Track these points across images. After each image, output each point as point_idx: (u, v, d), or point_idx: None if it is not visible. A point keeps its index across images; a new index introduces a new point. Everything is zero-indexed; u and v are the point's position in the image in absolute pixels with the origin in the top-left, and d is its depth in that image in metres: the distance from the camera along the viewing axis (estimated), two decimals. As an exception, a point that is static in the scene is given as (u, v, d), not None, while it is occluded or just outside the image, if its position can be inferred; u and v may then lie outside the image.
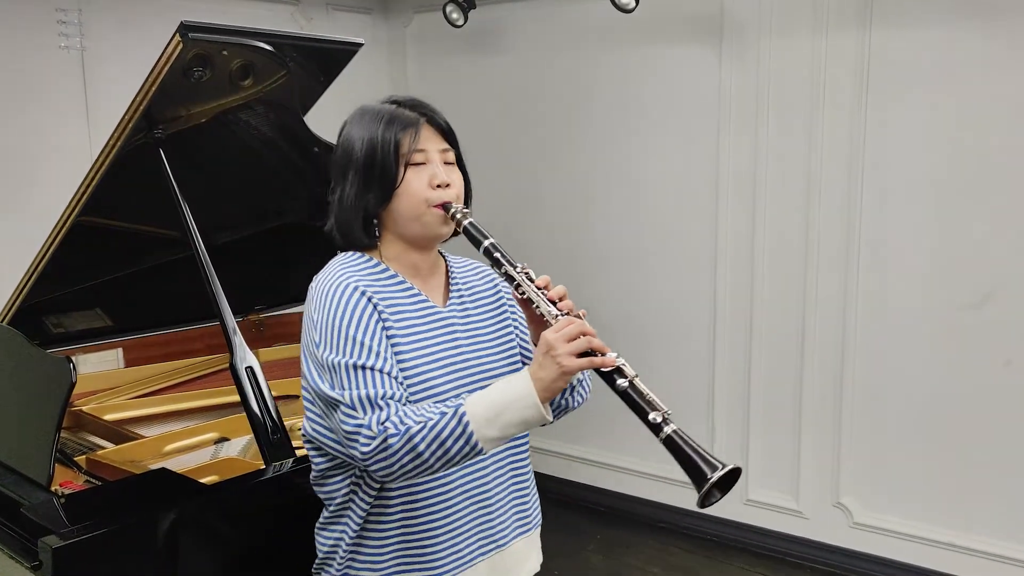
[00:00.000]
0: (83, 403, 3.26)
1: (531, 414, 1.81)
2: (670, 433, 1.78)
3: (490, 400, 1.82)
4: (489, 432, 1.81)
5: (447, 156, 2.06)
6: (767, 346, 4.53)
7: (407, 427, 1.79)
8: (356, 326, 1.89)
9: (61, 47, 4.13)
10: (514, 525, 2.14)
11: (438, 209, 1.99)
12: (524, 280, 1.94)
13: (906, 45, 3.97)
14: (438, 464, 1.82)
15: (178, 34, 2.55)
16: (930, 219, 4.01)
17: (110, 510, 2.24)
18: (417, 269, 2.07)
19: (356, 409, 1.83)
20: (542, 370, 1.82)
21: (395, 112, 2.02)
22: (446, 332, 2.03)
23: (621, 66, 4.83)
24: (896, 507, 4.28)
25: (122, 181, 2.88)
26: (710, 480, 1.74)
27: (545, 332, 1.84)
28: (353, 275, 1.97)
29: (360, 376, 1.85)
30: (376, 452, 1.81)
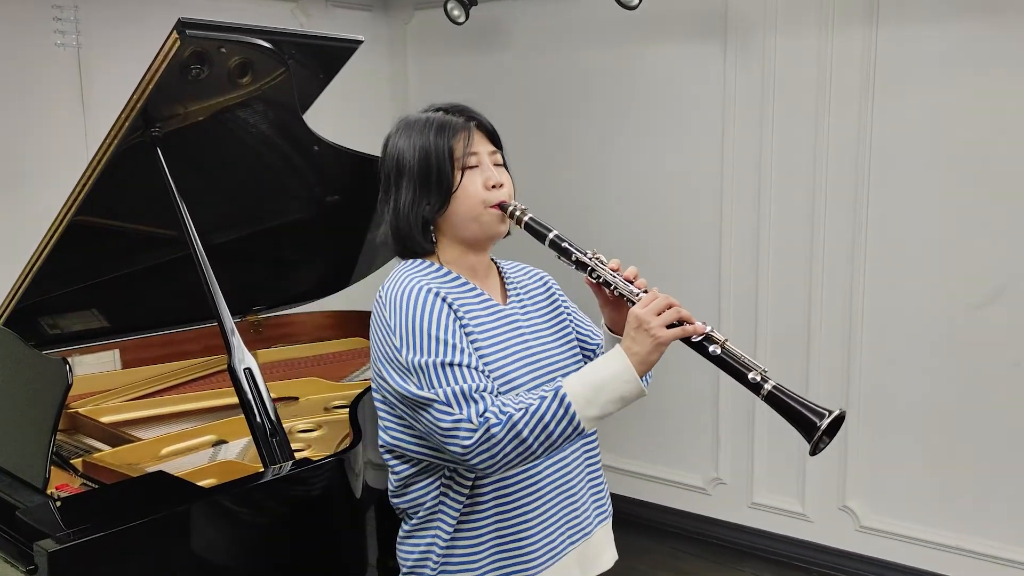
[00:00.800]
0: (79, 405, 3.26)
1: (630, 389, 1.88)
2: (771, 390, 1.85)
3: (588, 380, 1.89)
4: (590, 411, 1.87)
5: (496, 158, 2.16)
6: (772, 347, 4.52)
7: (508, 415, 1.85)
8: (437, 325, 1.94)
9: (57, 44, 4.13)
10: (594, 513, 2.22)
11: (495, 209, 2.08)
12: (598, 265, 2.07)
13: (913, 42, 3.96)
14: (542, 449, 1.88)
15: (176, 31, 2.56)
16: (938, 219, 4.00)
17: (107, 513, 2.24)
18: (475, 271, 2.15)
19: (452, 405, 1.87)
20: (636, 344, 1.90)
21: (444, 119, 2.10)
22: (513, 328, 2.12)
23: (624, 64, 4.82)
24: (903, 510, 4.27)
25: (119, 180, 2.88)
26: (820, 428, 1.80)
27: (633, 308, 1.93)
28: (423, 278, 2.02)
29: (450, 373, 1.90)
30: (479, 443, 1.85)
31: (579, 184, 5.04)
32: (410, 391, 1.91)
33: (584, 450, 2.20)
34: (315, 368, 3.75)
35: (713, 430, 4.78)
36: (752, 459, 4.66)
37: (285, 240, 3.74)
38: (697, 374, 4.79)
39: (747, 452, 4.68)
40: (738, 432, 4.71)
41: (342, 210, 3.70)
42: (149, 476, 2.57)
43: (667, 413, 4.91)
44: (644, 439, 5.04)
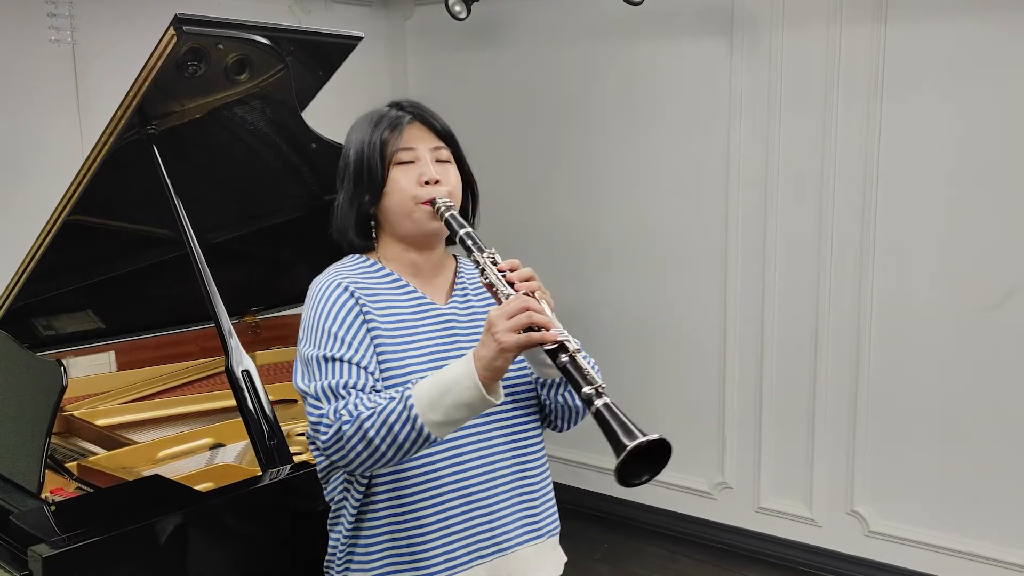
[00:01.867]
0: (74, 408, 3.26)
1: (472, 396, 1.81)
2: (600, 407, 1.75)
3: (434, 383, 1.84)
4: (433, 416, 1.82)
5: (439, 154, 2.12)
6: (779, 349, 4.52)
7: (359, 413, 1.84)
8: (333, 320, 1.97)
9: (52, 41, 4.13)
10: (521, 531, 2.12)
11: (426, 205, 2.05)
12: (487, 263, 1.97)
13: (923, 38, 3.96)
14: (390, 452, 1.85)
15: (172, 27, 2.55)
16: (948, 217, 4.00)
17: (102, 518, 2.23)
18: (418, 268, 2.14)
19: (320, 399, 1.91)
20: (483, 348, 1.83)
21: (386, 113, 2.11)
22: (443, 329, 2.08)
23: (629, 60, 4.82)
24: (912, 515, 4.27)
25: (114, 179, 2.88)
26: (627, 448, 1.68)
27: (490, 310, 1.86)
28: (343, 275, 2.05)
29: (328, 367, 1.92)
30: (332, 441, 1.87)
31: (581, 183, 5.04)
32: (296, 382, 1.98)
33: (518, 464, 2.12)
34: (314, 370, 3.73)
35: (719, 433, 4.78)
36: (759, 462, 4.66)
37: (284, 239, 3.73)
38: (702, 375, 4.79)
39: (754, 455, 4.67)
40: (744, 435, 4.70)
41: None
42: (145, 480, 2.57)
43: (671, 415, 4.91)
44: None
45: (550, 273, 5.18)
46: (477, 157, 2.18)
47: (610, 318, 5.03)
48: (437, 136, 2.13)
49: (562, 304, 5.33)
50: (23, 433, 2.54)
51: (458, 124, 2.16)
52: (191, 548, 2.29)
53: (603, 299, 5.05)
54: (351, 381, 1.90)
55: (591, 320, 5.03)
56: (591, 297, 5.07)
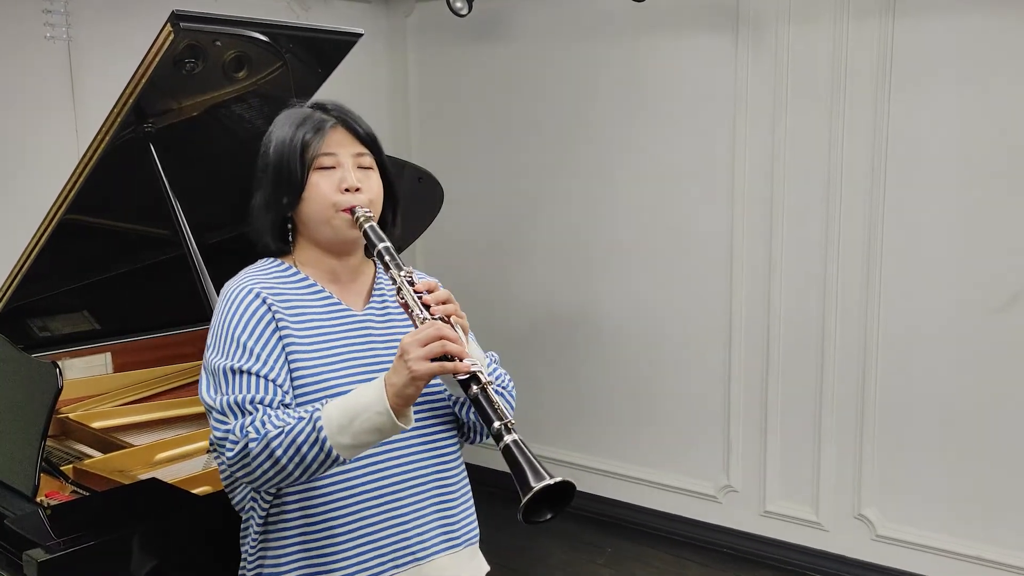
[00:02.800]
0: (70, 410, 3.25)
1: (382, 421, 1.81)
2: (509, 443, 1.76)
3: (344, 407, 1.83)
4: (342, 439, 1.82)
5: (362, 160, 2.09)
6: (785, 351, 4.52)
7: (266, 432, 1.83)
8: (243, 329, 1.94)
9: (47, 37, 4.13)
10: (437, 540, 2.10)
11: (346, 213, 2.03)
12: (403, 283, 1.95)
13: (932, 33, 3.96)
14: (298, 472, 1.84)
15: (169, 24, 2.55)
16: (957, 216, 4.00)
17: (98, 522, 2.24)
18: (335, 275, 2.12)
19: (226, 414, 1.88)
20: (395, 375, 1.83)
21: (309, 114, 2.09)
22: (359, 336, 2.06)
23: (632, 56, 4.82)
24: (920, 519, 4.26)
25: (111, 178, 2.88)
26: (533, 489, 1.68)
27: (404, 336, 1.85)
28: (255, 278, 2.03)
29: (236, 380, 1.90)
30: (238, 458, 1.85)
31: (584, 181, 5.04)
32: (201, 393, 1.95)
33: (434, 472, 2.10)
34: (313, 372, 3.74)
35: (724, 435, 4.78)
36: (764, 466, 4.66)
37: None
38: (707, 376, 4.78)
39: (759, 458, 4.67)
40: (750, 437, 4.70)
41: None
42: (142, 483, 2.57)
43: (676, 417, 4.91)
44: (652, 444, 5.04)
45: (552, 273, 5.20)
46: (478, 155, 2.18)
47: (614, 319, 5.02)
48: (360, 142, 2.10)
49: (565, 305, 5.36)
50: (18, 436, 2.54)
51: (459, 122, 2.15)
52: (189, 552, 2.29)
53: (607, 300, 5.04)
54: (258, 396, 1.88)
55: (594, 321, 5.03)
56: (594, 298, 5.07)
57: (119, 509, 2.37)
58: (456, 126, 5.43)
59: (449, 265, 5.27)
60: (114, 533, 2.16)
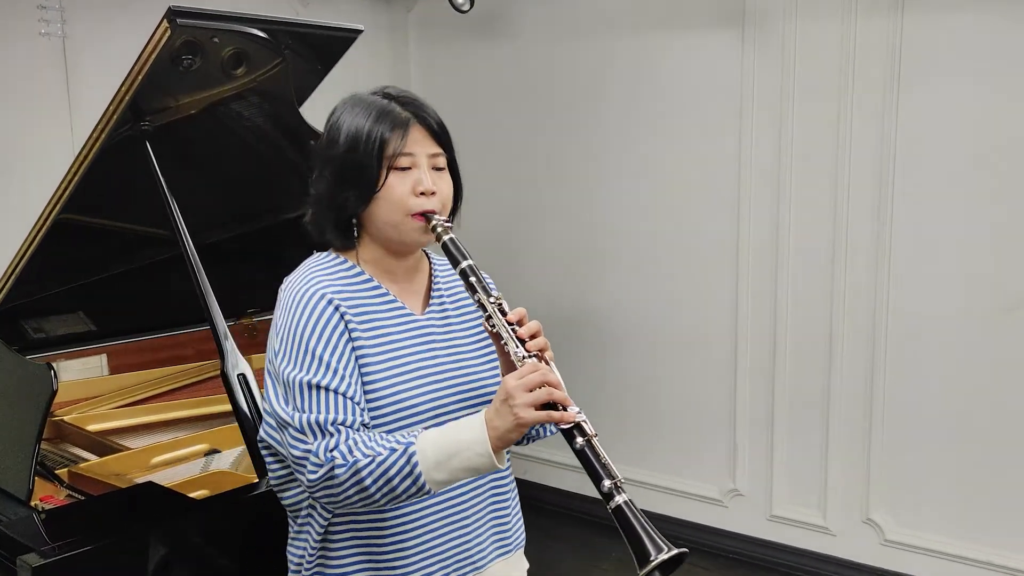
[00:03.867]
0: (65, 413, 3.25)
1: (482, 462, 1.82)
2: (621, 504, 1.77)
3: (442, 443, 1.82)
4: (438, 475, 1.82)
5: (436, 161, 2.05)
6: (793, 351, 4.51)
7: (355, 459, 1.81)
8: (319, 340, 1.90)
9: (41, 34, 4.13)
10: (493, 547, 2.14)
11: (418, 219, 1.99)
12: (495, 312, 1.92)
13: (941, 30, 3.95)
14: (384, 500, 1.84)
15: (166, 20, 2.55)
16: (966, 215, 3.99)
17: (93, 526, 2.24)
18: (393, 274, 2.08)
19: (305, 433, 1.86)
20: (498, 418, 1.81)
21: (386, 108, 2.00)
22: (423, 342, 2.04)
23: (637, 53, 4.82)
24: (930, 523, 4.26)
25: (107, 176, 2.88)
26: (653, 562, 1.71)
27: (507, 377, 1.83)
28: (323, 280, 1.98)
29: (315, 397, 1.87)
30: (322, 481, 1.84)
31: (588, 180, 5.04)
32: (273, 404, 1.93)
33: (489, 480, 2.13)
34: (312, 373, 3.73)
35: (730, 438, 4.77)
36: (771, 469, 4.65)
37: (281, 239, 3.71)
38: (713, 378, 4.78)
39: (766, 462, 4.67)
40: (756, 440, 4.70)
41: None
42: (138, 487, 2.57)
43: (681, 420, 4.91)
44: (656, 447, 5.04)
45: (555, 273, 5.20)
46: (480, 153, 2.17)
47: (618, 320, 5.02)
48: (436, 141, 2.04)
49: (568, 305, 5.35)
50: (12, 439, 2.54)
51: (461, 120, 2.13)
52: (185, 558, 2.29)
53: (611, 301, 5.04)
54: (339, 417, 1.85)
55: (597, 322, 5.03)
56: (598, 299, 5.07)
57: (115, 514, 2.37)
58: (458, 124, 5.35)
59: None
60: (110, 538, 2.16)
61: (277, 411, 1.91)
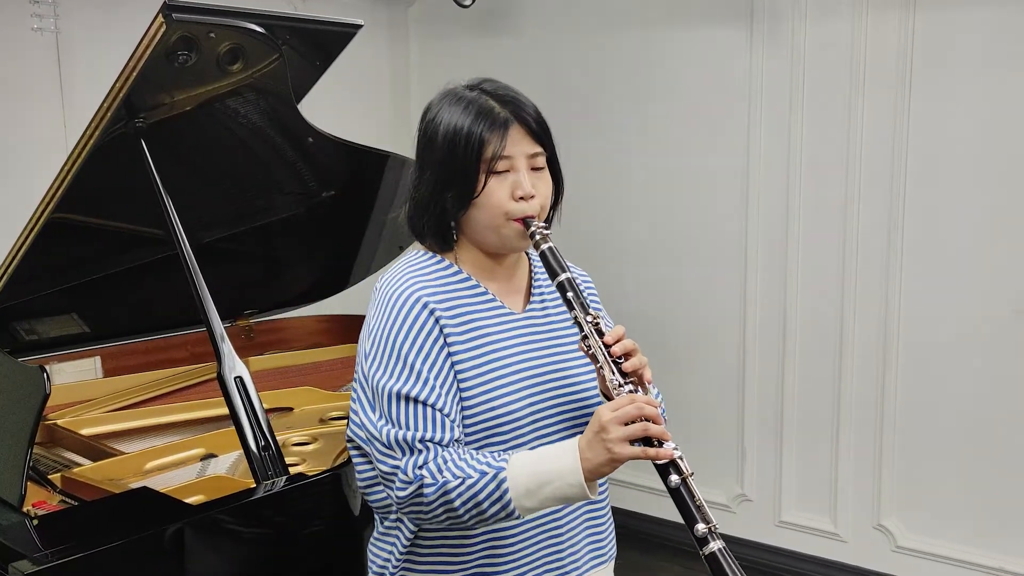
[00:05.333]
0: (58, 416, 3.26)
1: (574, 493, 1.80)
2: (715, 551, 1.76)
3: (534, 471, 1.80)
4: (528, 503, 1.80)
5: (535, 161, 2.03)
6: (802, 354, 4.51)
7: (444, 480, 1.80)
8: (410, 346, 1.88)
9: (34, 29, 4.13)
10: (588, 557, 2.14)
11: (518, 224, 1.97)
12: (592, 332, 1.90)
13: (954, 27, 3.95)
14: (473, 521, 1.83)
15: (161, 15, 2.55)
16: (981, 215, 3.98)
17: (87, 533, 2.23)
18: (493, 273, 2.06)
19: (393, 449, 1.85)
20: (590, 450, 1.79)
21: (486, 107, 1.97)
22: (526, 339, 2.02)
23: (642, 49, 4.81)
24: (942, 530, 4.25)
25: (100, 175, 2.88)
26: None
27: (601, 408, 1.80)
28: (420, 281, 1.95)
29: (405, 409, 1.85)
30: (410, 498, 1.83)
31: (592, 179, 5.03)
32: (360, 411, 1.93)
33: None
34: (311, 376, 3.74)
35: (738, 442, 4.77)
36: (780, 474, 4.65)
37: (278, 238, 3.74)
38: (720, 380, 4.78)
39: (775, 466, 4.66)
40: (765, 444, 4.69)
41: (339, 206, 3.69)
42: (133, 492, 2.57)
43: (687, 423, 4.90)
44: (663, 453, 5.02)
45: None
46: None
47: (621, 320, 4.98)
48: (535, 140, 2.01)
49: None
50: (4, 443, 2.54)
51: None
52: (181, 564, 2.29)
53: (615, 300, 5.01)
54: (428, 434, 1.83)
55: (603, 324, 5.01)
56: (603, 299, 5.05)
57: (109, 519, 2.37)
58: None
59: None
60: (104, 544, 2.16)
61: (364, 422, 1.91)
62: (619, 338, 1.91)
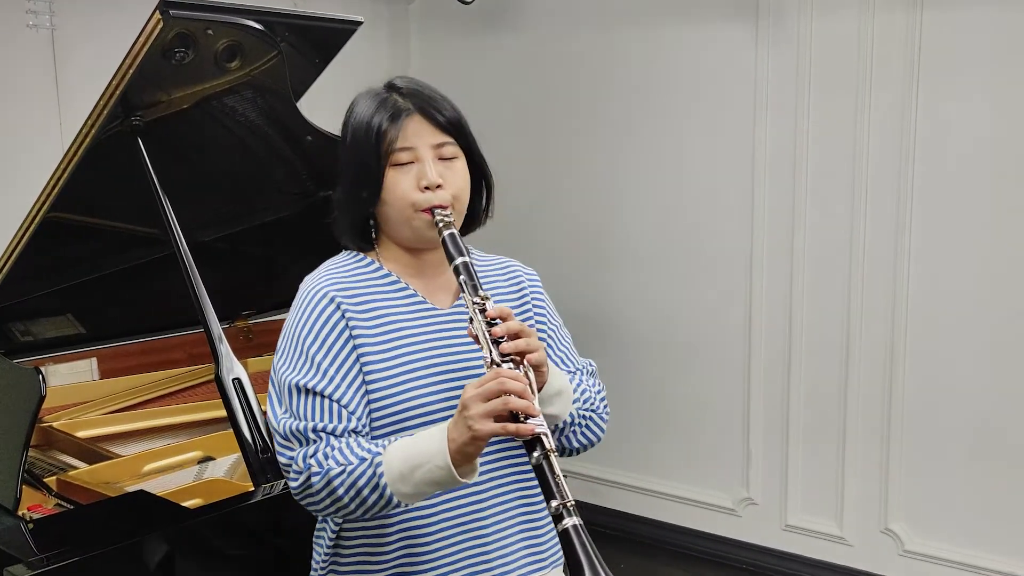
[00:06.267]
0: (53, 419, 3.26)
1: (443, 477, 1.78)
2: (569, 527, 1.70)
3: (407, 454, 1.81)
4: (403, 488, 1.81)
5: (443, 151, 2.01)
6: (808, 355, 4.50)
7: (328, 468, 1.82)
8: (313, 340, 1.91)
9: (29, 26, 4.13)
10: (524, 561, 2.09)
11: (426, 214, 1.96)
12: (475, 312, 1.87)
13: (962, 24, 3.94)
14: (360, 511, 1.84)
15: (158, 11, 2.55)
16: (988, 216, 3.98)
17: (83, 536, 2.24)
18: (419, 269, 2.07)
19: (289, 440, 1.88)
20: (455, 429, 1.78)
21: (387, 100, 2.00)
22: (446, 336, 2.02)
23: (646, 46, 4.81)
24: (950, 533, 4.25)
25: (96, 173, 2.88)
26: None
27: (467, 385, 1.80)
28: (333, 277, 1.99)
29: (301, 400, 1.88)
30: (302, 488, 1.86)
31: (596, 179, 5.03)
32: (268, 406, 1.94)
33: (519, 493, 2.07)
34: (309, 378, 3.74)
35: (743, 444, 4.76)
36: (786, 477, 4.64)
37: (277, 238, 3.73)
38: (725, 382, 4.77)
39: (780, 469, 4.66)
40: (771, 447, 4.69)
41: (338, 206, 3.69)
42: (129, 496, 2.57)
43: (692, 426, 4.90)
44: (666, 454, 5.03)
45: (563, 275, 5.17)
46: (485, 150, 2.14)
47: (627, 322, 5.02)
48: (440, 130, 2.01)
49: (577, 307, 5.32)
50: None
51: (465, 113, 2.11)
52: (178, 568, 2.29)
53: (620, 302, 5.03)
54: (321, 424, 1.86)
55: (605, 324, 5.02)
56: (607, 300, 5.06)
57: (105, 523, 2.37)
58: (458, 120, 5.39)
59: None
60: (100, 548, 2.16)
61: (270, 416, 1.93)
62: (502, 316, 1.87)
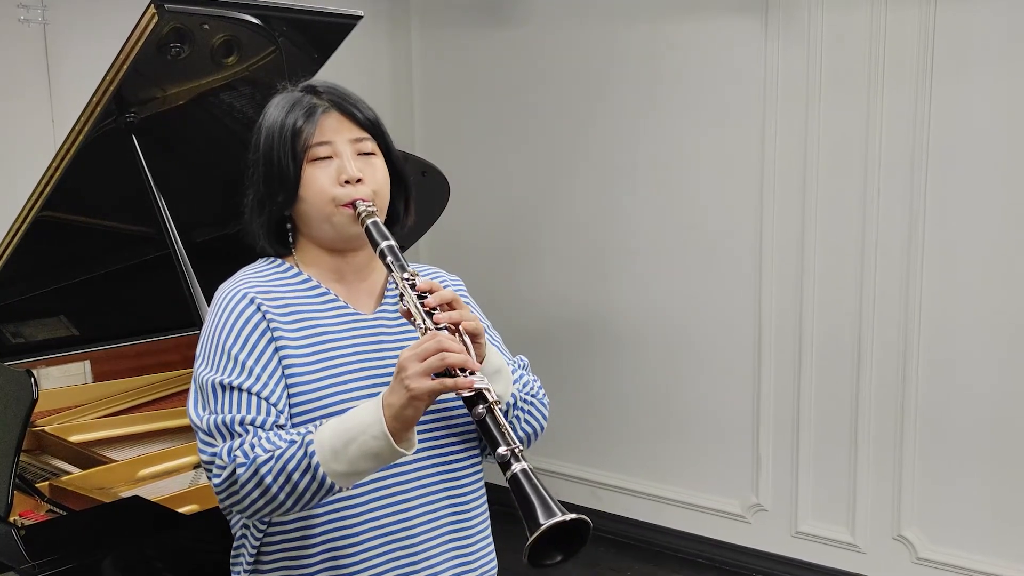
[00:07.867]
0: (46, 422, 3.25)
1: (380, 446, 1.75)
2: (518, 472, 1.69)
3: (339, 428, 1.78)
4: (337, 466, 1.76)
5: (362, 146, 2.01)
6: (819, 358, 4.50)
7: (255, 456, 1.77)
8: (234, 340, 1.89)
9: (21, 20, 4.13)
10: (451, 573, 2.04)
11: (347, 208, 1.96)
12: (406, 287, 1.87)
13: (976, 19, 3.94)
14: (290, 501, 1.79)
15: (153, 5, 2.56)
16: (1002, 214, 3.98)
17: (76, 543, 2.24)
18: (340, 273, 2.05)
19: (212, 435, 1.83)
20: (392, 394, 1.76)
21: (297, 98, 2.01)
22: (370, 341, 2.00)
23: (653, 40, 4.81)
24: (964, 540, 4.24)
25: (90, 171, 2.89)
26: (542, 527, 1.62)
27: (403, 350, 1.79)
28: (251, 281, 1.98)
29: (225, 397, 1.85)
30: (226, 484, 1.80)
31: (601, 176, 5.03)
32: (188, 409, 1.90)
33: (447, 501, 2.03)
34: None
35: (752, 450, 4.76)
36: (796, 483, 4.64)
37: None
38: (734, 386, 4.77)
39: (791, 475, 4.66)
40: (781, 452, 4.69)
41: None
42: (123, 502, 2.57)
43: (700, 431, 4.90)
44: (674, 460, 5.03)
45: (566, 274, 5.18)
46: (486, 147, 2.15)
47: (632, 324, 5.02)
48: (358, 126, 2.01)
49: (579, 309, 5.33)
50: (-10, 450, 2.54)
51: (466, 111, 2.12)
52: None
53: (624, 303, 5.03)
54: (248, 416, 1.82)
55: (611, 326, 5.02)
56: (611, 301, 5.06)
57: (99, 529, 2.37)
58: (463, 116, 5.44)
59: (455, 266, 5.23)
60: (93, 555, 2.16)
61: (191, 415, 1.88)
62: (432, 289, 1.87)
